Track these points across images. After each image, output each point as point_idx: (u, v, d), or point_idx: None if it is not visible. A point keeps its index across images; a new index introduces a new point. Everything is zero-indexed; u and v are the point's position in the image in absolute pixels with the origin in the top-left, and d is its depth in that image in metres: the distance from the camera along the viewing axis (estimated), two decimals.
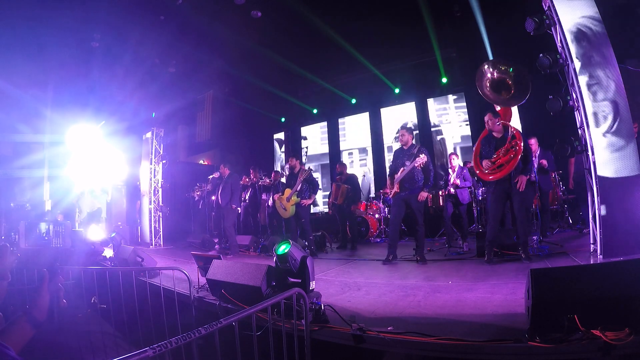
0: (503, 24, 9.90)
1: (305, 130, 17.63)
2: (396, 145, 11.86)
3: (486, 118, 6.53)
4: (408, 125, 13.12)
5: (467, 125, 13.49)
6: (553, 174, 9.10)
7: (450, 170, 8.99)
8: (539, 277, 2.97)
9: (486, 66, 6.60)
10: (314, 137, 17.30)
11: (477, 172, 6.64)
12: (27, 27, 11.40)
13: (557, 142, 5.89)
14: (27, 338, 1.43)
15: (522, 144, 6.07)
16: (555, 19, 5.72)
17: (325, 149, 16.80)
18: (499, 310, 3.72)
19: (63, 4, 10.78)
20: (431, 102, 14.56)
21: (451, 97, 14.14)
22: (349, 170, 11.64)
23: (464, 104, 13.65)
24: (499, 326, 3.24)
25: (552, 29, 5.89)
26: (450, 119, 14.14)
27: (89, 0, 10.94)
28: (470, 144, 13.14)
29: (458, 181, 8.75)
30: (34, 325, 1.43)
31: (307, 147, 17.50)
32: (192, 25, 12.33)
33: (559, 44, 5.86)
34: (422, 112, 13.94)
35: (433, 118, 14.37)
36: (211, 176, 11.80)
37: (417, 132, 13.89)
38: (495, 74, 6.48)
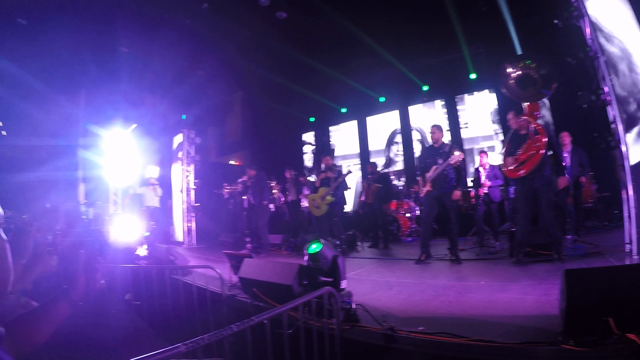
0: (530, 18, 9.68)
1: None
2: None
3: (508, 117, 6.46)
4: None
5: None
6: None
7: (481, 169, 8.85)
8: (573, 278, 2.87)
9: (507, 66, 6.45)
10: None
11: (504, 169, 6.55)
12: (60, 34, 11.71)
13: (593, 137, 5.73)
14: (64, 316, 1.47)
15: (545, 140, 5.95)
16: (583, 10, 5.57)
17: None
18: (532, 311, 3.64)
19: (93, 12, 11.04)
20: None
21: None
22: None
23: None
24: (531, 328, 3.15)
25: (581, 21, 5.73)
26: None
27: (117, 7, 11.17)
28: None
29: (488, 182, 8.60)
30: (71, 304, 1.47)
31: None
32: (218, 28, 12.47)
33: (588, 37, 5.70)
34: (451, 110, 13.75)
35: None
36: (240, 179, 11.93)
37: (448, 130, 13.74)
38: (518, 71, 6.32)
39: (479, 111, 13.31)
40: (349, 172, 9.55)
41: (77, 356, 3.29)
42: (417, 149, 14.58)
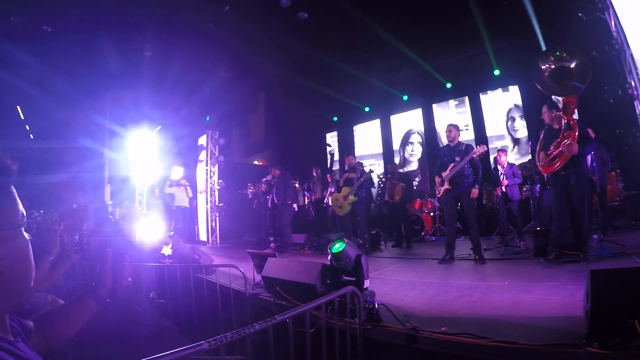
0: (554, 11, 9.49)
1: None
2: None
3: (543, 110, 6.31)
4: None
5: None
6: (614, 167, 8.64)
7: (499, 167, 8.75)
8: (598, 279, 2.79)
9: (539, 61, 6.28)
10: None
11: (538, 165, 6.40)
12: (85, 40, 11.99)
13: (618, 132, 5.60)
14: (92, 312, 1.53)
15: (576, 134, 5.77)
16: (608, 2, 5.44)
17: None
18: (556, 313, 3.56)
19: (116, 17, 11.25)
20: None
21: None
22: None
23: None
24: (555, 330, 3.09)
25: (606, 13, 5.58)
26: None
27: (140, 13, 11.35)
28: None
29: (506, 181, 8.49)
30: (98, 301, 1.52)
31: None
32: (240, 30, 12.58)
33: (613, 29, 5.53)
34: (475, 107, 13.54)
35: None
36: (264, 179, 12.02)
37: (469, 127, 13.60)
38: (552, 64, 6.16)
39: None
40: (371, 171, 9.55)
41: (101, 352, 3.37)
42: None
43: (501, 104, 12.96)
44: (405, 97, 15.31)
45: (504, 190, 8.43)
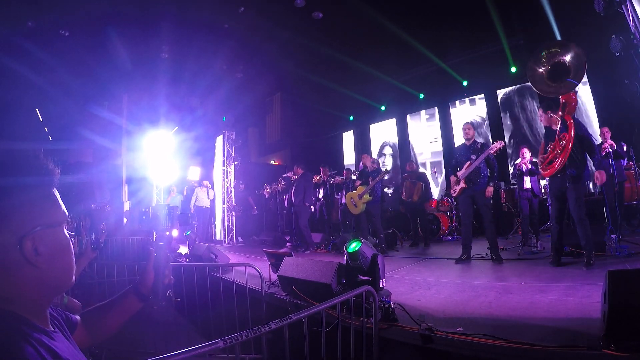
0: (571, 6, 9.36)
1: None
2: None
3: (539, 113, 6.10)
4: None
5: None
6: (632, 165, 8.47)
7: (523, 165, 8.63)
8: (616, 280, 2.73)
9: (534, 64, 6.00)
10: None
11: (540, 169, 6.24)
12: (102, 42, 12.16)
13: (636, 131, 5.49)
14: (134, 310, 1.60)
15: (571, 135, 5.51)
16: None
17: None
18: (573, 314, 3.51)
19: (133, 19, 11.38)
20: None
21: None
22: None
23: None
24: (572, 331, 3.05)
25: (623, 7, 5.48)
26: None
27: (157, 16, 11.46)
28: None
29: (530, 165, 8.37)
30: (141, 299, 1.59)
31: None
32: (255, 31, 12.65)
33: (631, 23, 5.42)
34: (493, 105, 13.43)
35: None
36: (285, 175, 12.03)
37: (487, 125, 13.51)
38: (548, 64, 5.91)
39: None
40: (387, 171, 9.52)
41: (118, 349, 3.42)
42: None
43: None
44: (421, 96, 15.24)
45: (529, 186, 8.33)
